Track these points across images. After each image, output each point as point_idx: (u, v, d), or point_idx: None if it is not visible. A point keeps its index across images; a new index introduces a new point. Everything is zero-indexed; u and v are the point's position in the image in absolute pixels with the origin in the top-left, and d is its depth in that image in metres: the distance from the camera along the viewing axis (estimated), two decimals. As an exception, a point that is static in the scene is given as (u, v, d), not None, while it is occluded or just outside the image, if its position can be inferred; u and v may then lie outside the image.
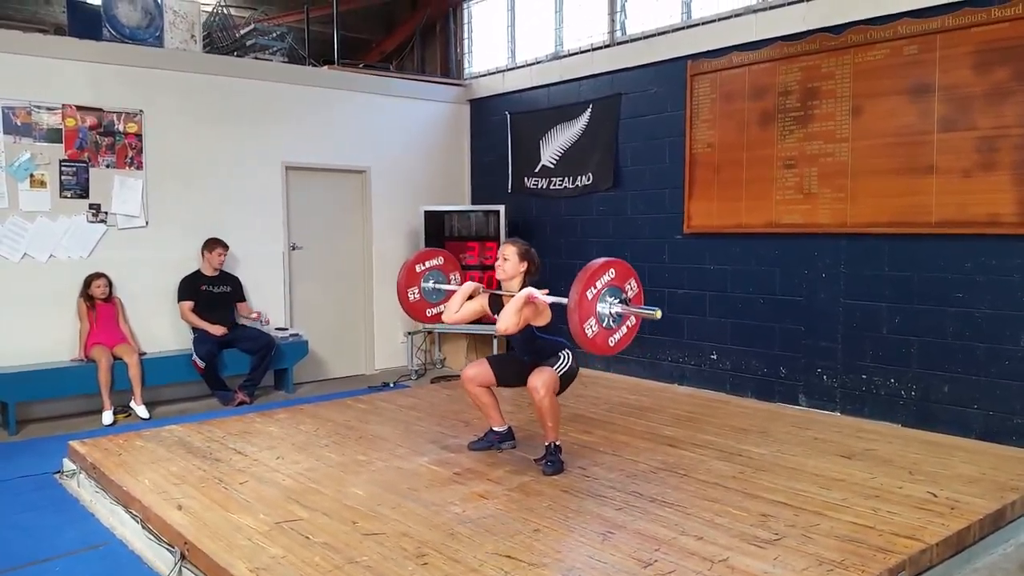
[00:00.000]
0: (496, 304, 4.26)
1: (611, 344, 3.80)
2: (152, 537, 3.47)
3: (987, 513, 3.45)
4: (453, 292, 4.47)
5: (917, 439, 4.73)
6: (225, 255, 6.70)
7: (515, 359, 4.34)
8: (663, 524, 3.33)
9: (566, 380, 4.15)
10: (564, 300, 3.70)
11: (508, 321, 3.96)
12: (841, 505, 3.54)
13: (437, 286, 4.84)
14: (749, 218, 6.07)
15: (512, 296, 4.07)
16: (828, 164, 5.59)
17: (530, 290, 4.00)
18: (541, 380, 4.00)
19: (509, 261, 4.16)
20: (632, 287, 3.88)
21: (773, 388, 6.00)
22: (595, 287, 3.69)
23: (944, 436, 4.83)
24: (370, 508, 3.53)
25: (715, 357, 6.40)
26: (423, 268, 4.82)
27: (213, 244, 6.66)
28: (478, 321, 4.61)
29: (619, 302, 3.76)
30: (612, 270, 3.76)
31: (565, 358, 4.13)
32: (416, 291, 4.79)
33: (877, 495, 3.67)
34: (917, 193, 5.15)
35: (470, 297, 4.33)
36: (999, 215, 4.82)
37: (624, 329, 3.85)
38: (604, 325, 3.73)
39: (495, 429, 4.47)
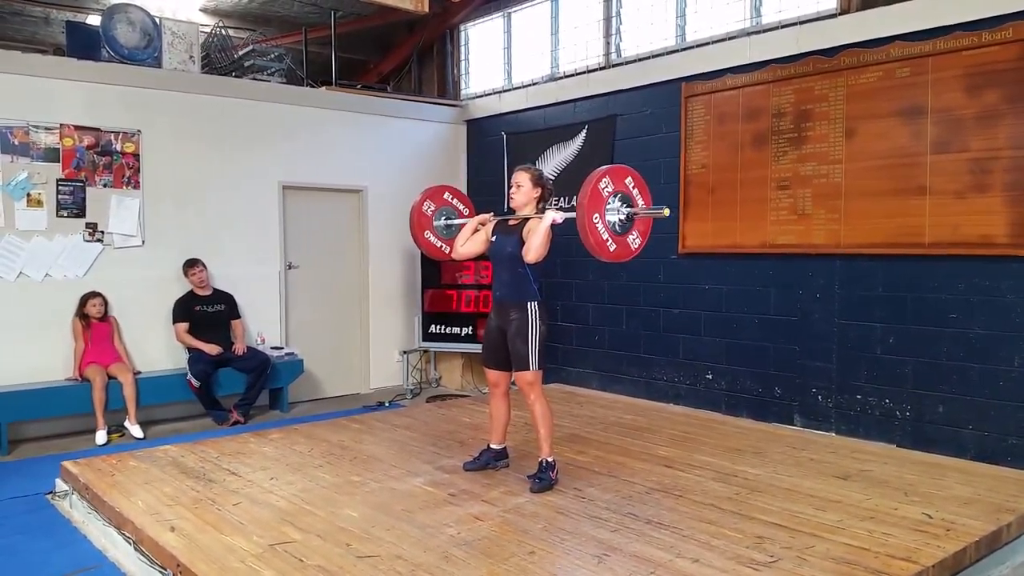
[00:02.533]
0: (502, 228, 4.24)
1: (633, 247, 3.96)
2: (145, 559, 3.45)
3: (983, 535, 3.44)
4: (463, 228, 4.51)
5: (912, 460, 4.72)
6: (204, 271, 6.68)
7: (490, 335, 4.27)
8: (659, 546, 3.31)
9: (542, 341, 4.13)
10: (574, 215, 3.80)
11: (539, 251, 3.97)
12: (837, 527, 3.53)
13: (449, 222, 4.83)
14: (744, 239, 6.10)
15: (525, 219, 4.10)
16: (822, 185, 5.63)
17: (554, 214, 4.01)
18: (525, 389, 4.11)
19: (523, 188, 4.17)
20: (630, 184, 3.96)
21: (768, 408, 6.00)
22: (601, 188, 3.80)
23: (939, 457, 4.82)
24: (364, 530, 3.51)
25: (710, 377, 6.41)
26: (431, 209, 4.80)
27: (189, 265, 6.65)
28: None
29: (626, 206, 3.86)
30: (607, 178, 3.85)
31: (532, 318, 4.09)
32: (431, 233, 4.77)
33: (873, 516, 3.66)
34: (910, 214, 5.18)
35: (478, 231, 4.36)
36: (992, 236, 4.85)
37: (636, 234, 3.98)
38: (616, 232, 3.86)
39: (492, 447, 4.45)
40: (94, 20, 7.81)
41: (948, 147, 5.03)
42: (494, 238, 4.27)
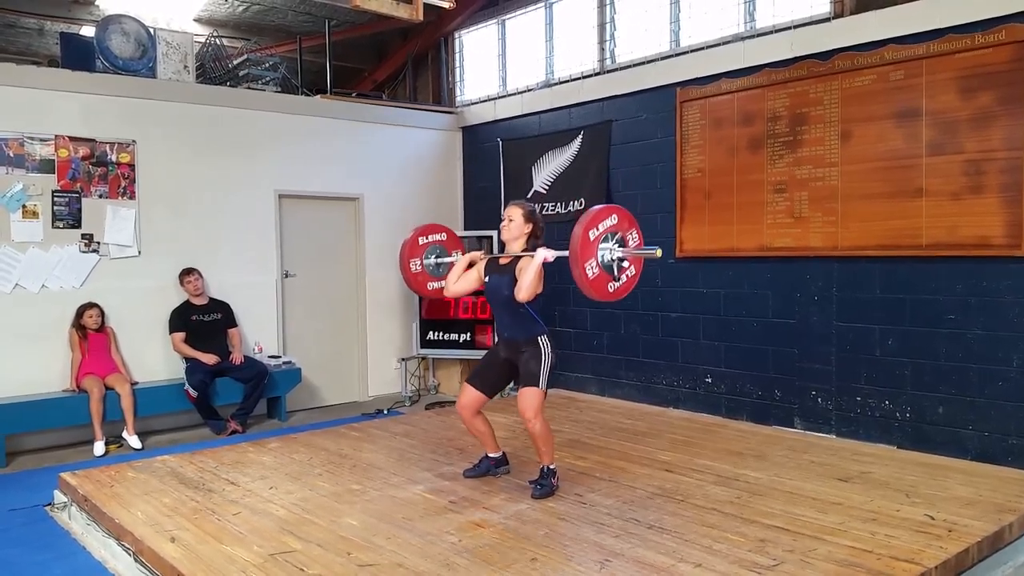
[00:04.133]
0: (494, 267, 4.21)
1: (611, 290, 3.90)
2: (145, 570, 3.43)
3: (985, 535, 3.44)
4: (453, 263, 4.52)
5: (913, 461, 4.72)
6: (199, 280, 6.66)
7: (493, 359, 4.28)
8: (661, 551, 3.30)
9: (550, 374, 4.12)
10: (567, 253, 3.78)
11: (531, 290, 3.92)
12: (839, 529, 3.53)
13: (439, 260, 4.83)
14: (741, 242, 6.11)
15: (516, 257, 4.08)
16: (818, 188, 5.64)
17: (545, 252, 3.98)
18: (528, 404, 4.01)
19: (514, 222, 4.14)
20: (634, 237, 3.96)
21: (768, 411, 6.00)
22: (597, 229, 3.77)
23: (940, 458, 4.82)
24: (365, 539, 3.49)
25: (710, 380, 6.40)
26: (426, 241, 4.81)
27: (185, 274, 6.63)
28: (479, 292, 4.53)
29: (619, 246, 3.85)
30: (614, 215, 3.86)
31: (544, 348, 4.09)
32: (418, 263, 4.77)
33: (875, 518, 3.65)
34: (907, 216, 5.19)
35: (470, 267, 4.33)
36: (989, 237, 4.86)
37: (624, 277, 3.94)
38: (605, 269, 3.82)
39: (490, 455, 4.45)
40: (88, 31, 7.80)
41: (943, 149, 5.04)
42: (487, 279, 4.22)
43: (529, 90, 7.97)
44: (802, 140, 5.72)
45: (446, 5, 6.31)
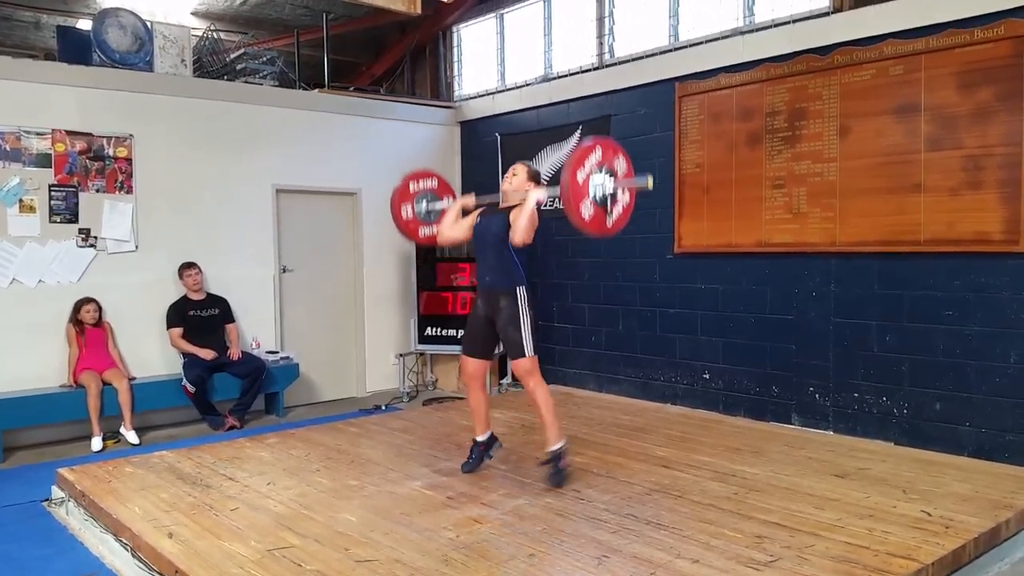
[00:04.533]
0: (488, 211, 4.25)
1: (609, 224, 3.93)
2: (143, 566, 3.43)
3: (982, 532, 3.45)
4: (444, 209, 4.60)
5: (910, 457, 4.73)
6: (198, 274, 6.66)
7: (476, 322, 4.27)
8: (659, 547, 3.31)
9: (534, 325, 4.12)
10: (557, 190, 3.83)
11: (526, 232, 3.97)
12: (836, 525, 3.53)
13: (431, 207, 4.83)
14: (739, 237, 6.10)
15: (510, 207, 4.11)
16: (817, 184, 5.63)
17: (538, 193, 4.04)
18: (522, 374, 4.09)
19: (518, 176, 4.20)
20: (621, 163, 3.96)
21: (766, 407, 6.00)
22: (584, 167, 3.79)
23: (937, 454, 4.83)
24: (362, 534, 3.49)
25: (707, 376, 6.41)
26: (417, 188, 4.80)
27: (184, 268, 6.63)
28: None
29: (610, 178, 3.87)
30: (598, 149, 3.87)
31: (521, 303, 4.09)
32: (409, 209, 4.77)
33: (871, 515, 3.66)
34: (905, 212, 5.19)
35: (465, 214, 4.36)
36: (987, 233, 4.86)
37: (620, 208, 3.96)
38: (599, 205, 3.85)
39: (479, 439, 4.41)
40: (85, 24, 7.77)
41: (942, 144, 5.04)
42: (478, 220, 4.25)
43: (528, 84, 7.96)
44: (801, 135, 5.71)
45: (444, -2, 6.29)
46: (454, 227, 4.39)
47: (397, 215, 4.78)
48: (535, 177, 4.24)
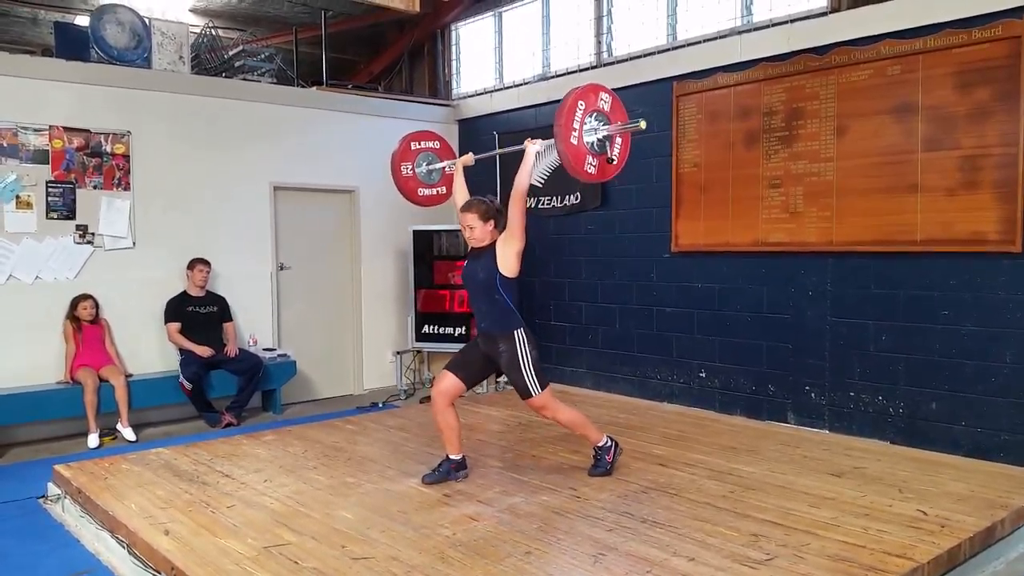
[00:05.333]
0: (471, 254, 4.21)
1: (613, 166, 4.02)
2: (138, 563, 3.43)
3: (977, 531, 3.46)
4: (447, 173, 4.74)
5: (906, 456, 4.74)
6: (207, 272, 6.67)
7: (474, 352, 4.20)
8: (655, 545, 3.31)
9: (536, 362, 4.04)
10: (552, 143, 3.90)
11: (526, 182, 4.04)
12: (831, 524, 3.54)
13: (431, 167, 4.86)
14: (736, 237, 6.11)
15: (489, 247, 4.07)
16: (813, 183, 5.64)
17: (534, 146, 4.12)
18: (541, 409, 4.13)
19: (475, 229, 4.03)
20: (606, 100, 3.99)
21: (762, 406, 6.01)
22: (576, 129, 3.84)
23: (933, 453, 4.84)
24: (359, 532, 3.50)
25: (704, 375, 6.42)
26: (419, 147, 4.83)
27: (194, 263, 6.64)
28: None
29: (603, 125, 3.91)
30: (581, 102, 3.89)
31: (520, 346, 4.01)
32: (409, 167, 4.79)
33: (867, 513, 3.67)
34: (902, 212, 5.20)
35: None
36: (983, 233, 4.87)
37: (617, 152, 4.03)
38: (599, 154, 3.91)
39: (451, 457, 4.22)
40: (83, 21, 7.76)
41: (939, 144, 5.05)
42: (465, 264, 4.21)
43: (526, 83, 7.95)
44: (798, 135, 5.72)
45: (442, -4, 6.29)
46: (465, 192, 4.41)
47: (397, 173, 4.78)
48: (486, 212, 4.05)
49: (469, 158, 4.58)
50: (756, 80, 5.93)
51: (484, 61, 8.59)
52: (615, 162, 4.03)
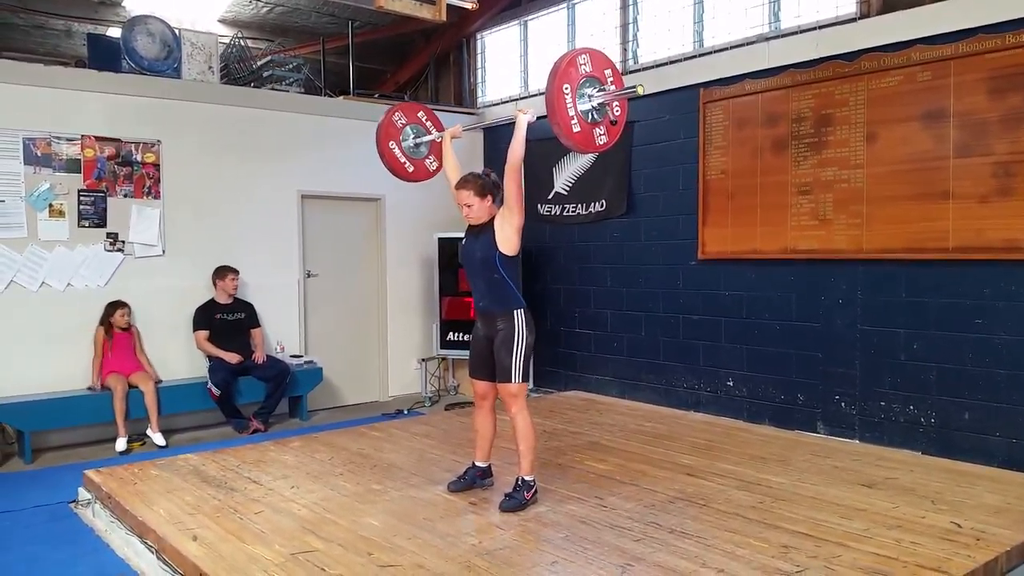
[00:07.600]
0: (470, 231, 4.09)
1: (599, 142, 3.83)
2: (167, 568, 3.45)
3: (1014, 544, 3.38)
4: (434, 142, 4.64)
5: (939, 467, 4.65)
6: (237, 280, 6.74)
7: (478, 345, 4.06)
8: (683, 556, 3.28)
9: (528, 351, 3.93)
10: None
11: (520, 153, 3.97)
12: (863, 536, 3.48)
13: (418, 140, 4.74)
14: (764, 244, 6.05)
15: (488, 224, 3.98)
16: (843, 190, 5.58)
17: (526, 117, 4.00)
18: (507, 399, 3.91)
19: (474, 207, 3.94)
20: (585, 62, 3.77)
21: (791, 415, 5.94)
22: (571, 114, 3.67)
23: (966, 464, 4.74)
24: (386, 539, 3.50)
25: (731, 384, 6.36)
26: (403, 121, 4.70)
27: (224, 271, 6.70)
28: None
29: (597, 91, 3.74)
30: (566, 85, 3.67)
31: (518, 327, 3.90)
32: (395, 144, 4.67)
33: (900, 525, 3.60)
34: (933, 219, 5.12)
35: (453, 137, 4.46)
36: (1017, 240, 4.78)
37: (615, 118, 3.85)
38: (601, 121, 3.74)
39: (478, 464, 4.20)
40: (115, 32, 7.88)
41: (971, 151, 4.97)
42: (463, 242, 4.09)
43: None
44: (827, 141, 5.66)
45: (468, 6, 6.32)
46: (456, 166, 4.35)
47: (384, 150, 4.66)
48: (483, 187, 3.97)
49: (458, 129, 4.48)
50: (784, 87, 5.89)
51: (510, 69, 8.61)
52: (617, 123, 3.85)
